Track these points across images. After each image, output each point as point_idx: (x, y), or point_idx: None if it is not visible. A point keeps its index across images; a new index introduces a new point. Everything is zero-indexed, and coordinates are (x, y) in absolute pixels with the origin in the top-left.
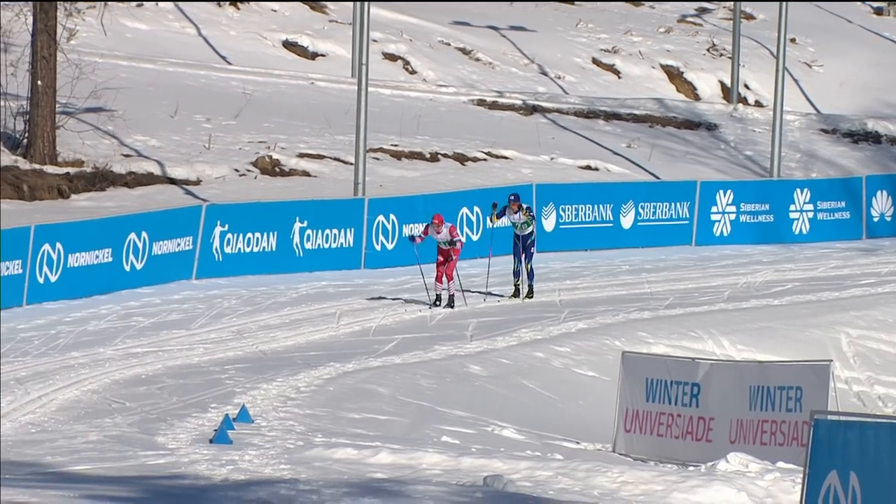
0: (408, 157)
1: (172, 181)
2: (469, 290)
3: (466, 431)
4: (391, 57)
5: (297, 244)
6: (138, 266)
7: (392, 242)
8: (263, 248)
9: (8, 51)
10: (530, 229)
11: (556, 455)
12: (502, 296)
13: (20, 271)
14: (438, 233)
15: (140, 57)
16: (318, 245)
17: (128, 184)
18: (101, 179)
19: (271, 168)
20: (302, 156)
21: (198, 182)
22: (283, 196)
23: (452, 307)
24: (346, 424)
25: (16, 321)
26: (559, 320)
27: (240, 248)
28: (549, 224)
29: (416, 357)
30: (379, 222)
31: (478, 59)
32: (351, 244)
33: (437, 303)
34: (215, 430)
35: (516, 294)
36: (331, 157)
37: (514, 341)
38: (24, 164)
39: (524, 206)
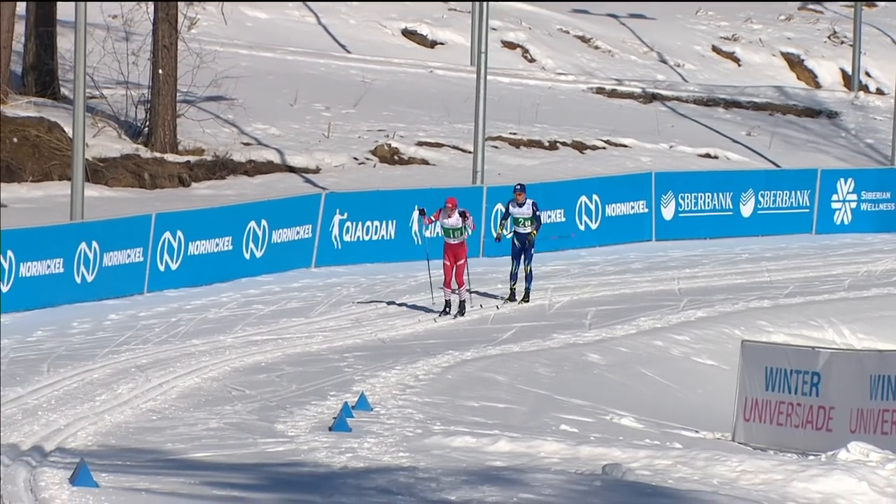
0: (526, 145)
1: (292, 169)
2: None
3: (585, 420)
4: (510, 45)
5: (415, 232)
6: (258, 254)
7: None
8: (382, 236)
9: (130, 40)
10: (531, 229)
11: (675, 444)
12: (500, 297)
13: (141, 259)
14: (449, 217)
15: (260, 45)
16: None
17: (247, 172)
18: (221, 168)
19: (390, 156)
20: (421, 144)
21: (317, 170)
22: (401, 184)
23: (463, 314)
24: (464, 412)
25: (137, 309)
26: (678, 309)
27: (359, 237)
28: (668, 212)
29: (535, 345)
30: (497, 210)
31: (597, 48)
32: (470, 232)
33: (447, 310)
34: (334, 418)
35: (512, 297)
36: (449, 146)
37: (632, 330)
38: (145, 153)
39: (530, 200)
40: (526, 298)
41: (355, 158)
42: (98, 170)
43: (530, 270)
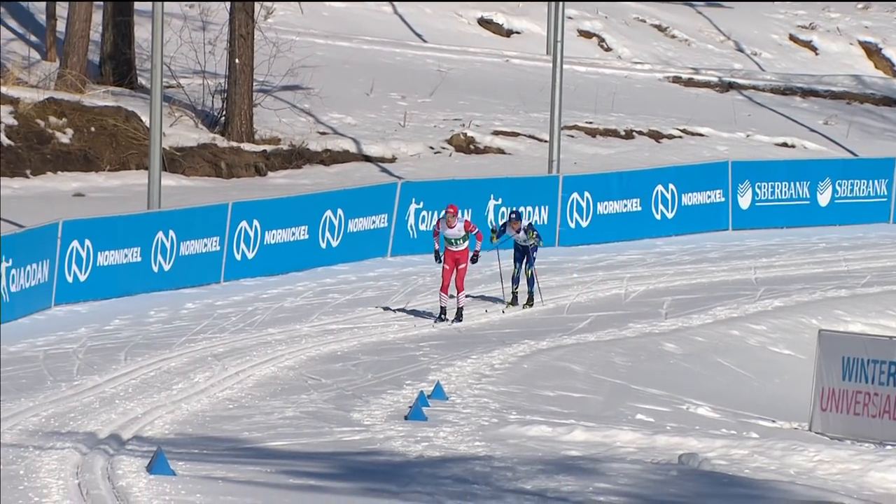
0: (602, 134)
1: (368, 158)
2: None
3: (661, 409)
4: (586, 34)
5: (491, 221)
6: (334, 243)
7: (586, 220)
8: None
9: (206, 29)
10: (533, 243)
11: (752, 433)
12: (501, 301)
13: (218, 248)
14: (451, 226)
15: (336, 35)
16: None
17: (324, 161)
18: (297, 157)
19: (466, 145)
20: (496, 133)
21: (393, 159)
22: (477, 173)
23: (461, 320)
24: (540, 402)
25: (213, 298)
26: (755, 298)
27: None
28: (744, 202)
29: (611, 335)
30: (573, 200)
31: (673, 36)
32: (545, 221)
33: (443, 317)
34: (410, 407)
35: (514, 302)
36: (525, 135)
37: (709, 319)
38: (221, 142)
39: (526, 224)
40: (530, 302)
41: (431, 147)
42: (175, 159)
43: (532, 274)
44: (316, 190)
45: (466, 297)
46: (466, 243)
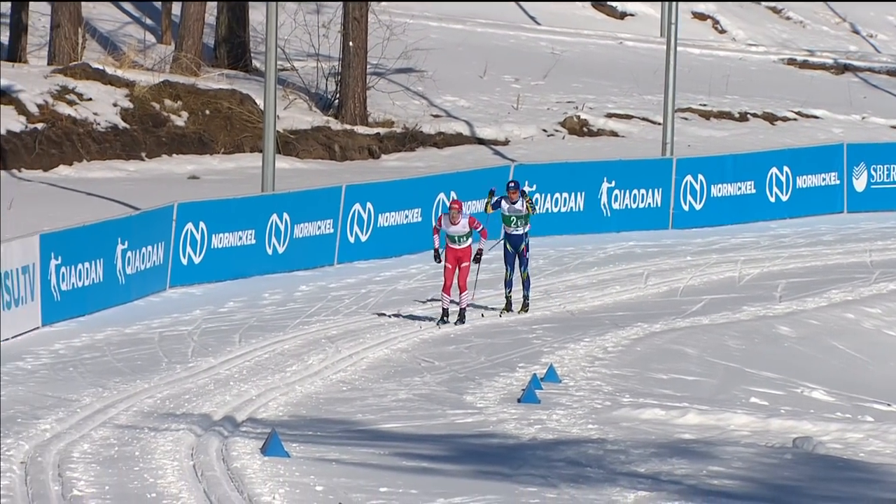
0: (716, 116)
1: (481, 141)
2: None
3: (775, 393)
4: (700, 16)
5: (604, 204)
6: None
7: (700, 203)
8: (571, 208)
9: (320, 12)
10: (525, 229)
11: (867, 417)
12: (495, 309)
13: (331, 231)
14: (455, 223)
15: (450, 17)
16: (626, 205)
17: (437, 144)
18: (410, 140)
19: (579, 128)
20: (610, 116)
21: (506, 142)
22: (590, 156)
23: (463, 322)
24: (653, 385)
25: (327, 280)
26: (870, 281)
27: (547, 208)
28: (860, 184)
29: (724, 318)
30: (687, 182)
31: (788, 18)
32: (659, 204)
33: (445, 319)
34: (523, 390)
35: (508, 307)
36: (639, 117)
37: (823, 302)
38: (335, 125)
39: (524, 191)
40: (525, 308)
41: (544, 130)
42: (289, 142)
43: (528, 276)
44: (429, 172)
45: (469, 303)
46: (469, 241)
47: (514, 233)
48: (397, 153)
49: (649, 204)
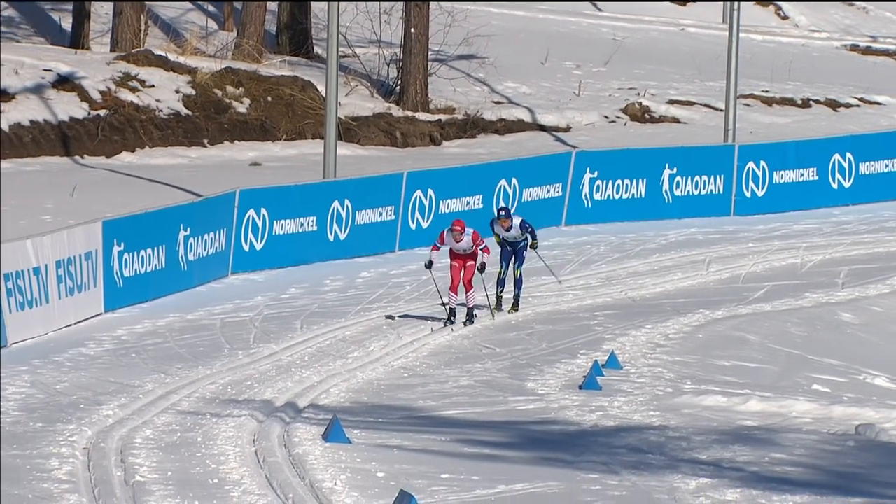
0: (779, 103)
1: (542, 128)
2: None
3: (838, 380)
4: (763, 2)
5: (666, 191)
6: None
7: (762, 189)
8: (633, 194)
9: None
10: (524, 241)
11: None
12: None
13: (393, 217)
14: (458, 241)
15: (511, 4)
16: (688, 192)
17: (498, 130)
18: (471, 126)
19: (641, 114)
20: (672, 102)
21: (567, 129)
22: (652, 143)
23: (472, 322)
24: (715, 372)
25: (388, 266)
26: None
27: (609, 195)
28: None
29: (786, 304)
30: (749, 169)
31: (851, 4)
32: (721, 191)
33: (452, 319)
34: (584, 377)
35: (498, 307)
36: (701, 104)
37: (886, 289)
38: (396, 112)
39: (519, 221)
40: (515, 307)
41: (606, 117)
42: (350, 128)
43: (521, 275)
44: (490, 159)
45: (475, 302)
46: (475, 253)
47: (514, 241)
48: (458, 140)
49: (711, 190)
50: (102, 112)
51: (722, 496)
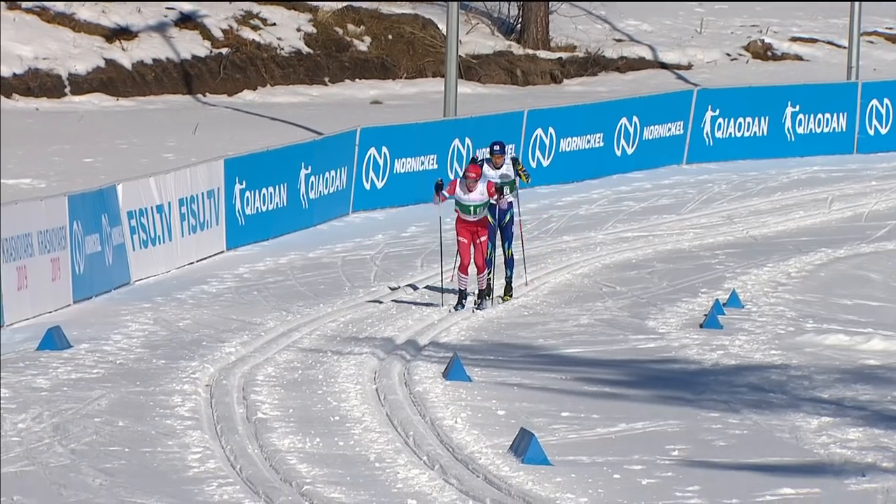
0: None
1: (664, 66)
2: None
3: None
4: None
5: (788, 129)
6: (629, 151)
7: (886, 127)
8: (754, 132)
9: None
10: (510, 197)
11: None
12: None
13: (513, 156)
14: (470, 190)
15: None
16: (810, 130)
17: (619, 69)
18: (592, 64)
19: (763, 52)
20: (794, 40)
21: (689, 66)
22: (774, 80)
23: (482, 308)
24: (837, 310)
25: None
26: None
27: (730, 133)
28: None
29: None
30: (872, 106)
31: None
32: (843, 129)
33: (462, 303)
34: (705, 315)
35: (488, 293)
36: (823, 41)
37: None
38: (517, 50)
39: (511, 158)
40: (508, 293)
41: (727, 54)
42: (471, 66)
43: (512, 255)
44: (611, 97)
45: (487, 282)
46: (486, 211)
47: (497, 204)
48: (579, 78)
49: (834, 128)
50: (224, 50)
51: (844, 435)
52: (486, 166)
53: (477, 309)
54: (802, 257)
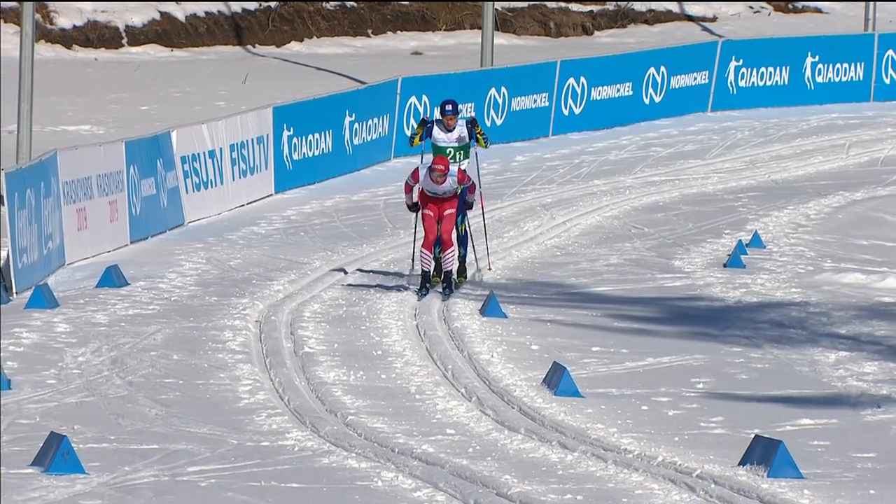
0: None
1: (690, 18)
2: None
3: None
4: None
5: (808, 78)
6: (657, 99)
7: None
8: (776, 81)
9: None
10: (464, 164)
11: None
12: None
13: (547, 104)
14: (439, 183)
15: None
16: (829, 79)
17: (647, 21)
18: (622, 17)
19: (784, 5)
20: None
21: (714, 19)
22: (794, 32)
23: (452, 292)
24: (854, 251)
25: (542, 151)
26: None
27: (753, 82)
28: None
29: None
30: (889, 56)
31: None
32: (860, 78)
33: (427, 287)
34: (729, 255)
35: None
36: None
37: None
38: (551, 3)
39: (469, 118)
40: (462, 275)
41: (751, 7)
42: (507, 19)
43: (465, 231)
44: (640, 48)
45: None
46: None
47: (459, 152)
48: (609, 30)
49: (851, 77)
50: (273, 3)
51: (860, 368)
52: (436, 129)
53: (444, 299)
54: (821, 200)
